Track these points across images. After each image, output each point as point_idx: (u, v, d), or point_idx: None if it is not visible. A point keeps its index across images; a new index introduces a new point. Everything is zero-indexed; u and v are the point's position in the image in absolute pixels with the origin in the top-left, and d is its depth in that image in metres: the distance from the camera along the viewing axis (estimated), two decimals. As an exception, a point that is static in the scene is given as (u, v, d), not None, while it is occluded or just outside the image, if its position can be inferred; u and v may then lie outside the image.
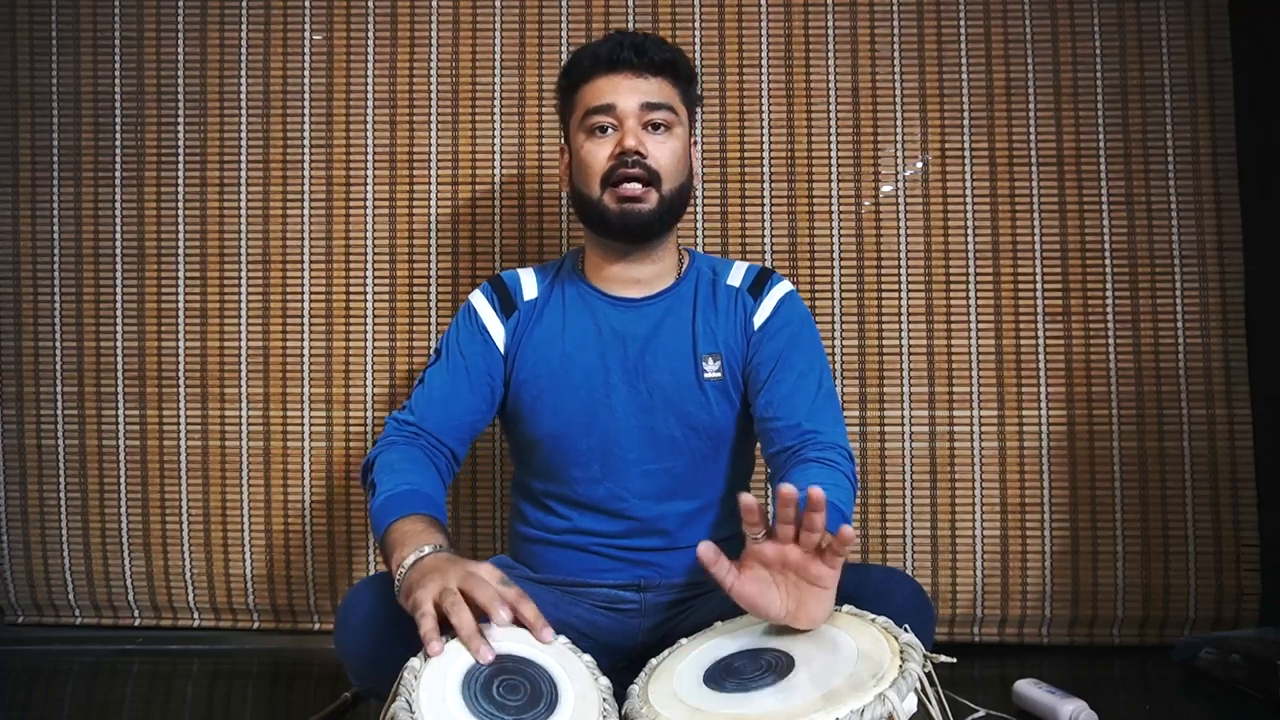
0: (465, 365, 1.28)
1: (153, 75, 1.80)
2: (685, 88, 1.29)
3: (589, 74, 1.25)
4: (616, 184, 1.22)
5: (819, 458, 1.16)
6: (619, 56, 1.23)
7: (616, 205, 1.23)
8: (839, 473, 1.15)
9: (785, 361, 1.25)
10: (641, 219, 1.23)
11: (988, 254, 1.75)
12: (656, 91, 1.24)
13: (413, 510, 1.10)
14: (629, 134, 1.22)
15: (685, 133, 1.28)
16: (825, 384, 1.26)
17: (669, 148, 1.24)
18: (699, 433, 1.27)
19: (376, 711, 0.95)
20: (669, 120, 1.25)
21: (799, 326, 1.29)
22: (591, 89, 1.25)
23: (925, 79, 1.77)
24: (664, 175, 1.23)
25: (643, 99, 1.23)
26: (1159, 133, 1.75)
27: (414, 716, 0.83)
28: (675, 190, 1.25)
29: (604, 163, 1.23)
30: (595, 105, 1.23)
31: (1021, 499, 1.73)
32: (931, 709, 0.85)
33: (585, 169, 1.25)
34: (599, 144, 1.24)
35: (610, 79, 1.24)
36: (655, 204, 1.23)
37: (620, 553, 1.27)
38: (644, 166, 1.22)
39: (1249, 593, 1.71)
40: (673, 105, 1.25)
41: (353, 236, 1.79)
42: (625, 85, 1.23)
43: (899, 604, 1.00)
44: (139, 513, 1.80)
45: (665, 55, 1.25)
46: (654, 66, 1.24)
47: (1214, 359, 1.73)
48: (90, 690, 1.61)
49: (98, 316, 1.80)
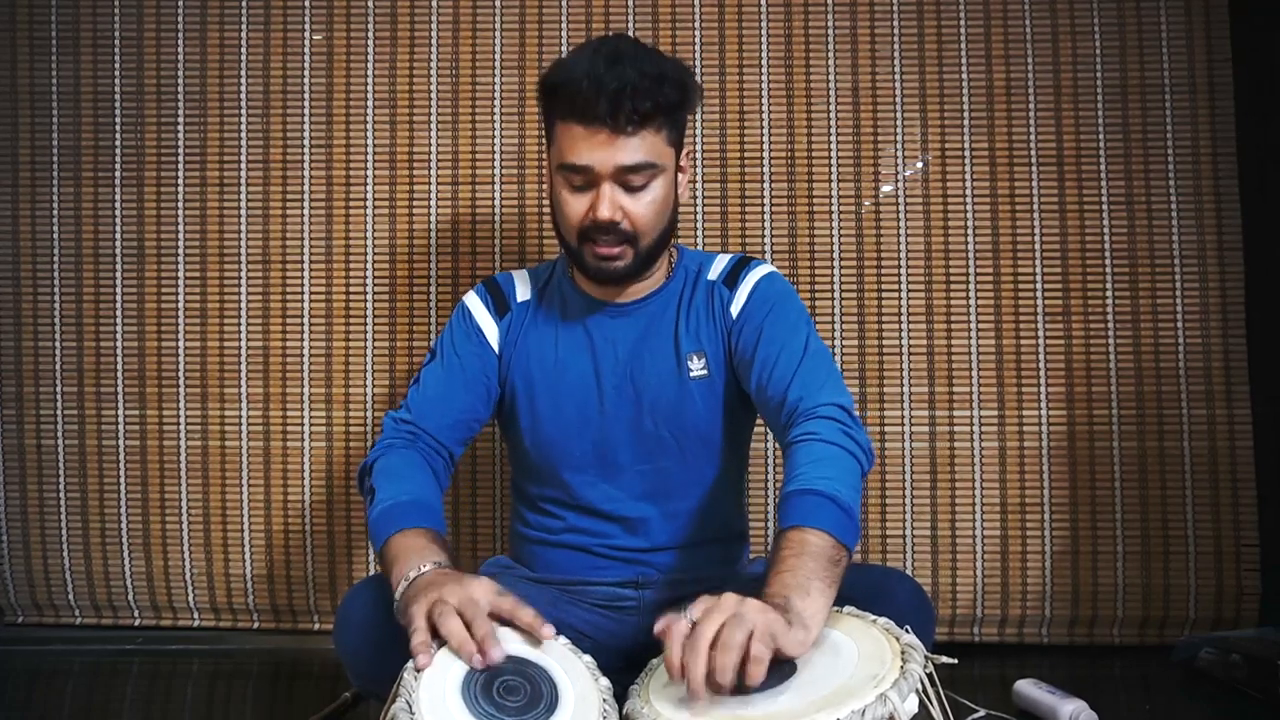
0: (461, 365, 1.28)
1: (153, 75, 1.80)
2: (673, 122, 1.19)
3: (564, 115, 1.15)
4: (592, 241, 1.19)
5: (804, 436, 1.07)
6: (594, 112, 1.12)
7: (594, 260, 1.20)
8: (827, 446, 1.06)
9: (765, 337, 1.21)
10: (618, 273, 1.22)
11: (988, 254, 1.75)
12: (636, 150, 1.14)
13: (412, 523, 1.09)
14: (603, 201, 1.15)
15: (671, 170, 1.21)
16: (811, 346, 1.20)
17: (647, 200, 1.18)
18: (688, 432, 1.27)
19: (376, 711, 0.95)
20: (648, 178, 1.17)
21: (775, 301, 1.25)
22: (567, 137, 1.15)
23: (925, 79, 1.77)
24: (642, 232, 1.19)
25: (620, 162, 1.14)
26: (1159, 133, 1.75)
27: (414, 717, 0.83)
28: (655, 239, 1.22)
29: (579, 217, 1.18)
30: (569, 163, 1.16)
31: (1021, 499, 1.73)
32: (932, 709, 0.85)
33: (562, 216, 1.21)
34: (575, 197, 1.18)
35: (587, 135, 1.13)
36: (631, 259, 1.20)
37: (617, 552, 1.28)
38: (618, 232, 1.18)
39: (1249, 593, 1.71)
40: (653, 160, 1.16)
41: (353, 236, 1.79)
42: (601, 148, 1.13)
43: (899, 604, 1.00)
44: (139, 513, 1.80)
45: (645, 106, 1.12)
46: (633, 122, 1.13)
47: (1214, 359, 1.73)
48: (90, 690, 1.61)
49: (98, 316, 1.80)
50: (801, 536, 0.97)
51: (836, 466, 1.04)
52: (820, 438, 1.07)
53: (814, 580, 0.92)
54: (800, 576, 0.92)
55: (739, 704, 0.85)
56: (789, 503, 1.01)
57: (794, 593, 0.91)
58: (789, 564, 0.94)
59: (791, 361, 1.17)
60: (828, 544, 0.97)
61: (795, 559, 0.95)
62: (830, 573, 0.94)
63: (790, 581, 0.92)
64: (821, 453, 1.05)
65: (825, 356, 1.21)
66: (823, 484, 1.01)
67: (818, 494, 1.00)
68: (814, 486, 1.01)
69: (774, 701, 0.84)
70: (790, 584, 0.92)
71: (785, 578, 0.93)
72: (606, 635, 1.23)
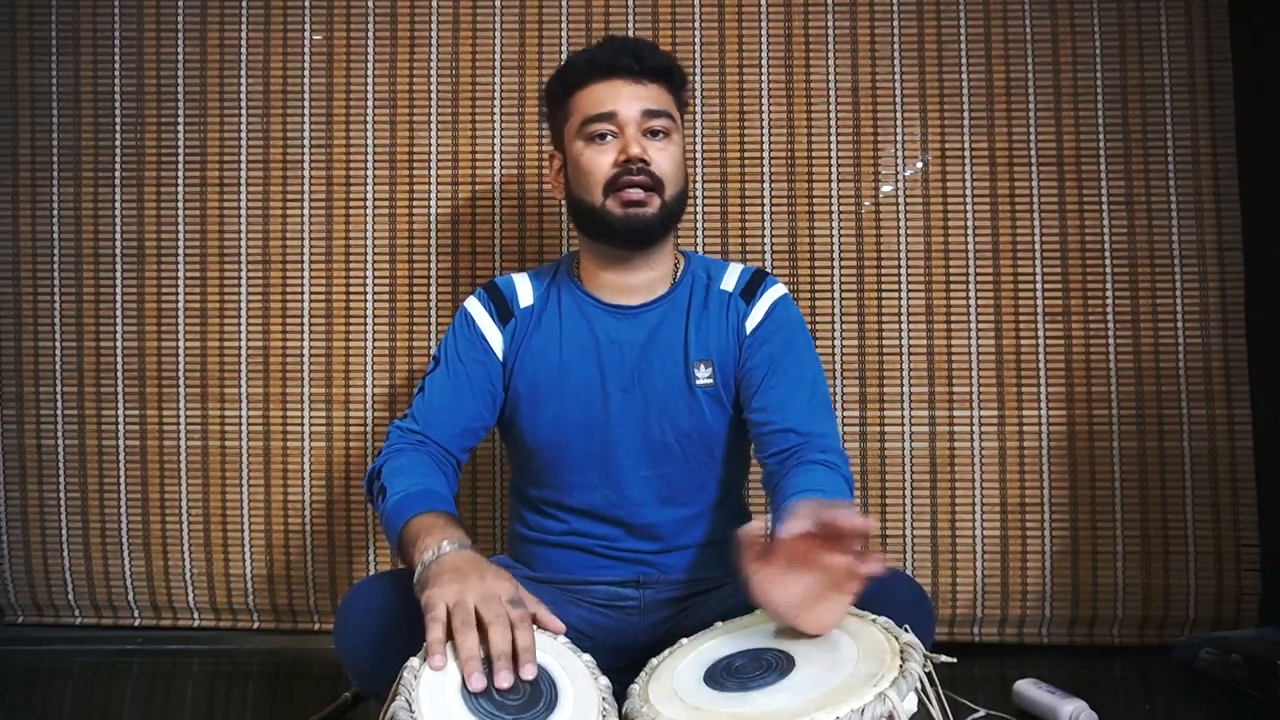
0: (466, 372, 1.28)
1: (153, 75, 1.80)
2: (679, 94, 1.29)
3: (585, 79, 1.24)
4: (620, 189, 1.22)
5: (822, 460, 1.16)
6: (618, 62, 1.22)
7: (621, 210, 1.22)
8: (839, 476, 1.15)
9: (779, 366, 1.25)
10: (645, 223, 1.23)
11: (988, 254, 1.75)
12: (656, 98, 1.24)
13: (429, 507, 1.10)
14: (632, 142, 1.21)
15: (682, 139, 1.28)
16: (820, 390, 1.26)
17: (669, 154, 1.24)
18: (693, 439, 1.27)
19: (376, 711, 0.95)
20: (668, 127, 1.25)
21: (792, 330, 1.29)
22: (589, 95, 1.24)
23: (925, 79, 1.77)
24: (667, 181, 1.23)
25: (644, 105, 1.23)
26: (1159, 133, 1.75)
27: (414, 716, 0.83)
28: (676, 195, 1.26)
29: (607, 169, 1.22)
30: (596, 113, 1.22)
31: (1021, 499, 1.73)
32: (932, 709, 0.85)
33: (586, 176, 1.24)
34: (600, 151, 1.23)
35: (610, 85, 1.23)
36: (658, 209, 1.23)
37: (618, 552, 1.28)
38: (648, 173, 1.21)
39: (1249, 593, 1.71)
40: (671, 112, 1.26)
41: (353, 236, 1.79)
42: (626, 92, 1.22)
43: (899, 604, 1.00)
44: (139, 513, 1.80)
45: (662, 61, 1.25)
46: (652, 73, 1.24)
47: (1214, 359, 1.73)
48: (90, 690, 1.61)
49: (98, 316, 1.80)
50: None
51: (837, 490, 1.13)
52: (837, 469, 1.16)
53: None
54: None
55: (739, 702, 0.85)
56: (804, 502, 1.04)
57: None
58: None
59: (803, 398, 1.23)
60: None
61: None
62: None
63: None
64: (837, 482, 1.14)
65: (830, 403, 1.29)
66: (824, 495, 1.08)
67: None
68: (820, 496, 1.06)
69: (773, 699, 0.84)
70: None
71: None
72: (607, 634, 1.23)
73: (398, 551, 1.10)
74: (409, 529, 1.07)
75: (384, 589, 1.08)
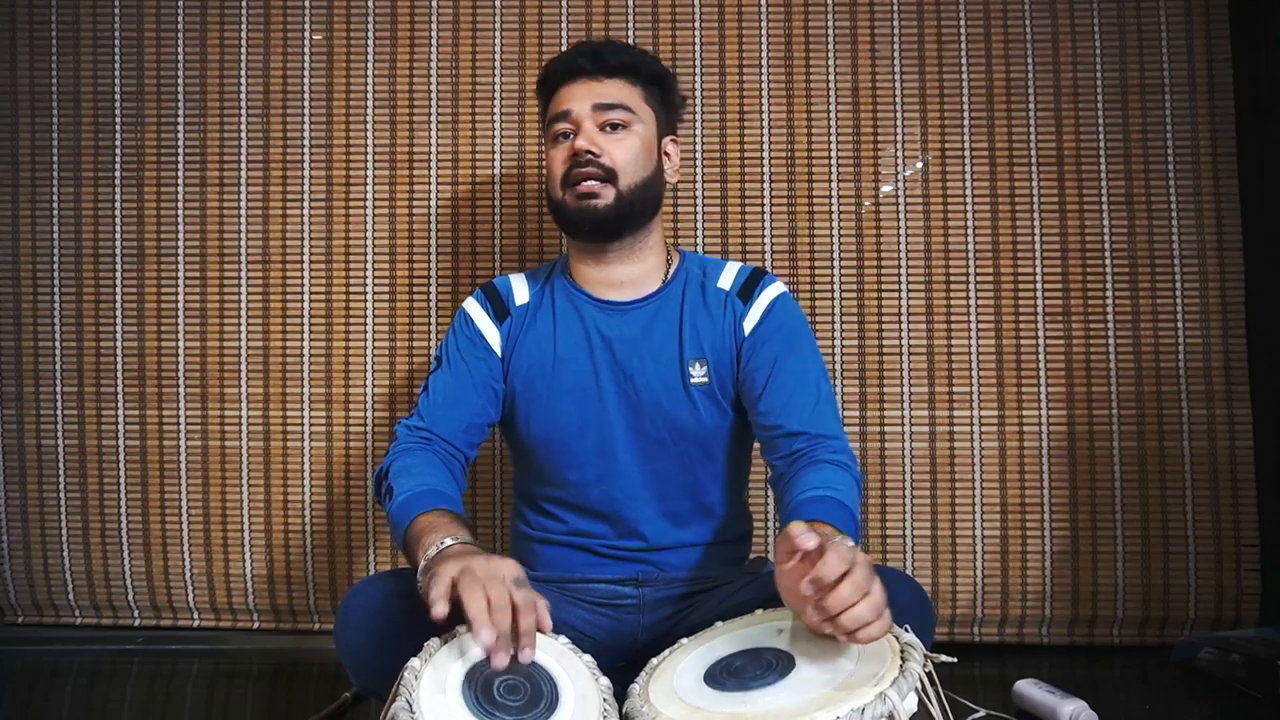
0: (468, 369, 1.29)
1: (153, 75, 1.80)
2: (649, 88, 1.30)
3: (554, 87, 1.30)
4: (575, 183, 1.24)
5: (832, 460, 1.16)
6: (574, 64, 1.27)
7: (575, 203, 1.24)
8: (849, 475, 1.15)
9: (782, 367, 1.24)
10: (598, 214, 1.24)
11: (988, 254, 1.75)
12: (612, 93, 1.26)
13: (434, 506, 1.10)
14: (581, 135, 1.24)
15: (650, 131, 1.29)
16: (824, 389, 1.25)
17: (626, 144, 1.25)
18: (686, 437, 1.27)
19: (376, 711, 0.95)
20: (625, 119, 1.26)
21: (793, 329, 1.28)
22: (554, 100, 1.29)
23: (925, 79, 1.77)
24: (620, 171, 1.24)
25: (595, 100, 1.25)
26: (1159, 133, 1.75)
27: (414, 716, 0.83)
28: (636, 186, 1.25)
29: (563, 163, 1.26)
30: (554, 114, 1.28)
31: (1021, 499, 1.73)
32: (932, 708, 0.85)
33: (550, 174, 1.29)
34: (559, 149, 1.28)
35: (569, 87, 1.28)
36: (613, 200, 1.24)
37: (618, 551, 1.28)
38: (598, 165, 1.23)
39: (1249, 593, 1.71)
40: (629, 105, 1.26)
41: (353, 236, 1.79)
42: (580, 91, 1.26)
43: (899, 604, 0.99)
44: (139, 513, 1.80)
45: (622, 58, 1.28)
46: (609, 69, 1.27)
47: (1214, 359, 1.73)
48: (90, 690, 1.61)
49: (98, 316, 1.80)
50: (820, 528, 1.00)
51: (852, 494, 1.13)
52: (847, 469, 1.16)
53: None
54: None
55: (739, 701, 0.85)
56: (806, 507, 1.06)
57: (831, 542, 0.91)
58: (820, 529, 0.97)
59: (808, 398, 1.23)
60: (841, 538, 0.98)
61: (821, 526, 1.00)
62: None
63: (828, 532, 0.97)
64: (847, 481, 1.14)
65: (834, 401, 1.29)
66: (842, 495, 1.09)
67: (839, 502, 1.08)
68: (830, 495, 1.08)
69: (774, 698, 0.84)
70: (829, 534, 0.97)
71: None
72: (607, 634, 1.23)
73: (403, 551, 1.11)
74: (413, 529, 1.08)
75: (384, 589, 1.08)
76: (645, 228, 1.30)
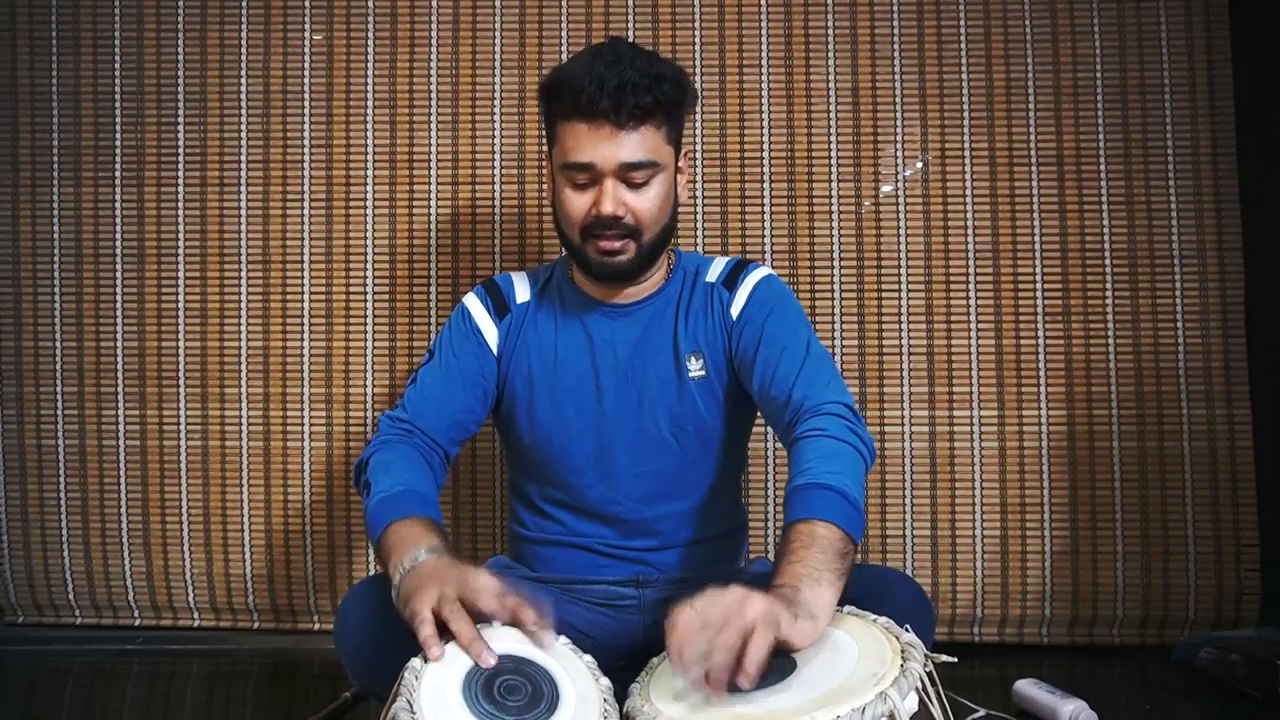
0: (459, 365, 1.28)
1: (153, 75, 1.80)
2: (672, 120, 1.21)
3: (567, 114, 1.17)
4: (596, 237, 1.20)
5: (810, 431, 1.09)
6: (596, 106, 1.14)
7: (597, 256, 1.21)
8: (835, 442, 1.08)
9: (766, 338, 1.22)
10: (621, 269, 1.22)
11: (988, 254, 1.75)
12: (637, 147, 1.16)
13: (408, 512, 1.09)
14: (606, 197, 1.17)
15: (671, 169, 1.23)
16: (813, 348, 1.21)
17: (649, 196, 1.19)
18: (688, 432, 1.27)
19: (376, 711, 0.95)
20: (650, 175, 1.19)
21: (776, 303, 1.26)
22: (570, 135, 1.17)
23: (925, 79, 1.77)
24: (644, 226, 1.20)
25: (622, 159, 1.16)
26: (1159, 133, 1.75)
27: (415, 717, 0.82)
28: (657, 234, 1.23)
29: (583, 215, 1.19)
30: (573, 161, 1.17)
31: (1021, 499, 1.73)
32: (932, 708, 0.85)
33: (565, 215, 1.22)
34: (579, 195, 1.19)
35: (590, 131, 1.15)
36: (634, 254, 1.21)
37: (616, 551, 1.28)
38: (622, 226, 1.19)
39: (1249, 593, 1.71)
40: (655, 158, 1.18)
41: (353, 236, 1.79)
42: (604, 144, 1.15)
43: (900, 604, 1.00)
44: (139, 513, 1.80)
45: (646, 102, 1.15)
46: (635, 118, 1.15)
47: (1214, 359, 1.73)
48: (90, 690, 1.61)
49: (98, 316, 1.80)
50: (811, 529, 0.98)
51: (843, 461, 1.06)
52: (827, 433, 1.09)
53: (824, 571, 0.94)
54: (810, 567, 0.94)
55: (739, 701, 0.85)
56: (797, 496, 1.02)
57: (804, 582, 0.92)
58: (799, 555, 0.96)
59: (794, 362, 1.19)
60: (836, 536, 0.98)
61: (805, 550, 0.96)
62: (839, 565, 0.96)
63: (801, 571, 0.93)
64: (829, 448, 1.07)
65: (826, 357, 1.23)
66: (830, 478, 1.03)
67: (826, 488, 1.02)
68: (822, 480, 1.03)
69: (775, 699, 0.84)
70: (801, 574, 0.93)
71: (796, 568, 0.94)
72: (607, 634, 1.23)
73: (376, 555, 1.10)
74: (386, 540, 1.07)
75: (384, 589, 1.08)
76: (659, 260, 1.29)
